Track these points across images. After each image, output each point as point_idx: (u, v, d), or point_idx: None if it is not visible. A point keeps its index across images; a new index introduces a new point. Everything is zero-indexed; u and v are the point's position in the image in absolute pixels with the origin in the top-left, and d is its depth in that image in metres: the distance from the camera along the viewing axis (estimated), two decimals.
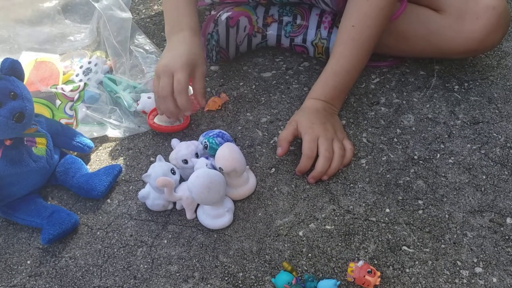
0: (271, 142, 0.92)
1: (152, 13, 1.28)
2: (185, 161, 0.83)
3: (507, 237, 0.75)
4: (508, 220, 0.77)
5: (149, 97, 0.97)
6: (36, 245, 0.79)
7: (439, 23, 0.95)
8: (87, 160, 0.91)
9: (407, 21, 0.96)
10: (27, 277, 0.75)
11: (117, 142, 0.95)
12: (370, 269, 0.68)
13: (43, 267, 0.76)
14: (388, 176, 0.85)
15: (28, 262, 0.77)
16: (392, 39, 0.96)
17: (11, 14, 1.17)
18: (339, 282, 0.69)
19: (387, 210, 0.80)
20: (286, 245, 0.76)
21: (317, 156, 0.84)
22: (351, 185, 0.84)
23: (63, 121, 0.90)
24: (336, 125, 0.89)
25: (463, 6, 0.92)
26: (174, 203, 0.82)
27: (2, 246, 0.80)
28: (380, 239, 0.76)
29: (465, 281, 0.70)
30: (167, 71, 0.87)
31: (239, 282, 0.72)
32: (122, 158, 0.92)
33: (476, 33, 0.92)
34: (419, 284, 0.70)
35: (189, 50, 0.90)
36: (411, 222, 0.78)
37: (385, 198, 0.81)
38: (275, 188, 0.84)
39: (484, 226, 0.77)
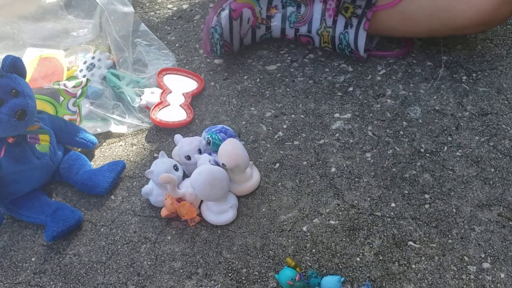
0: (276, 137, 0.91)
1: (156, 6, 1.27)
2: (188, 157, 0.82)
3: None
4: None
5: (152, 92, 0.97)
6: (41, 242, 0.79)
7: None
8: (91, 156, 0.91)
9: (414, 0, 0.94)
10: (32, 274, 0.76)
11: (121, 138, 0.95)
12: None
13: (47, 264, 0.76)
14: (394, 169, 0.83)
15: (33, 259, 0.78)
16: (399, 20, 0.93)
17: (14, 10, 1.17)
18: (343, 278, 0.68)
19: (393, 204, 0.79)
20: (290, 240, 0.75)
21: None
22: (356, 179, 0.83)
23: (66, 117, 0.90)
24: None
25: None
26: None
27: (7, 244, 0.80)
28: (385, 234, 0.75)
29: (472, 277, 0.69)
30: None
31: (243, 278, 0.72)
32: (125, 154, 0.92)
33: (487, 5, 0.88)
34: (426, 280, 0.69)
35: None
36: (418, 216, 0.77)
37: (391, 192, 0.80)
38: (279, 183, 0.83)
39: (492, 220, 0.75)
